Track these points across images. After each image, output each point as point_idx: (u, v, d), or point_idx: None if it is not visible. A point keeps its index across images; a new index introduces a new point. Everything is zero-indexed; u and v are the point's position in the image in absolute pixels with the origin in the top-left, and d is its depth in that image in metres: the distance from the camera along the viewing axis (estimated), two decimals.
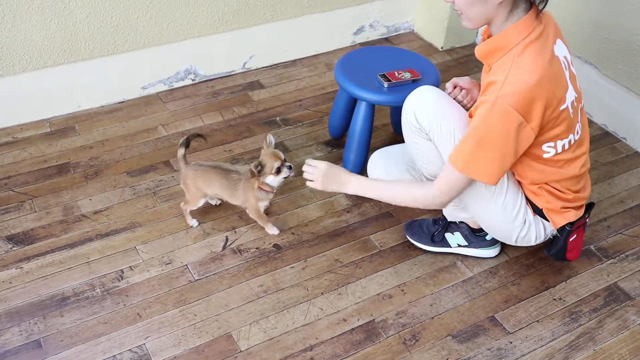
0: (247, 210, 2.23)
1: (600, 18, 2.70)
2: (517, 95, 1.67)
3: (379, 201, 2.39)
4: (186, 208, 2.24)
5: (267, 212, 2.30)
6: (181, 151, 2.20)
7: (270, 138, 2.16)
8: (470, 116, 1.85)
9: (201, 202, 2.22)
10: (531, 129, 1.71)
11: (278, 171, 2.12)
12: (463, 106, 2.03)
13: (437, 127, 1.92)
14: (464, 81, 2.08)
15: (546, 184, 1.92)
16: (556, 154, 1.84)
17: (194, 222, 2.26)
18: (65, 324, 1.94)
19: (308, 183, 2.05)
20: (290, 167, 2.14)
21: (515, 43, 1.73)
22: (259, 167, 2.10)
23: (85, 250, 2.17)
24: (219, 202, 2.34)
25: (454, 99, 2.04)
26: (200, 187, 2.18)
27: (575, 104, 1.83)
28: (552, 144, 1.82)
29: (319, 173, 2.01)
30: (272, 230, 2.25)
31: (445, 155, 1.96)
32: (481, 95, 1.77)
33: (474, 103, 2.04)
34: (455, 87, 2.08)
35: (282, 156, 2.13)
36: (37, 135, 2.64)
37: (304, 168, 2.05)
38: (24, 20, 2.47)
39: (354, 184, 2.01)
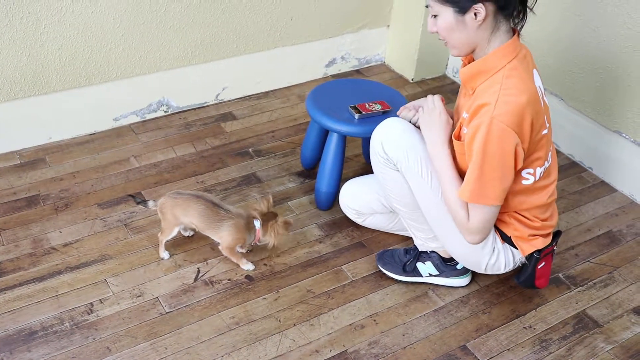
0: (220, 247, 2.22)
1: (565, 52, 2.78)
2: (510, 115, 1.70)
3: (358, 226, 2.41)
4: (162, 239, 2.23)
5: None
6: (150, 204, 2.24)
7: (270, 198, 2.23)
8: (456, 137, 1.88)
9: (175, 231, 2.21)
10: (522, 149, 1.75)
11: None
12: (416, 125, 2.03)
13: (405, 157, 1.95)
14: (419, 101, 2.08)
15: (515, 212, 1.95)
16: (534, 181, 1.88)
17: (165, 255, 2.25)
18: (33, 359, 1.90)
19: (403, 113, 2.03)
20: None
21: (501, 66, 1.77)
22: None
23: (55, 283, 2.14)
24: (191, 233, 2.34)
25: (409, 121, 2.04)
26: (177, 215, 2.17)
27: (548, 132, 1.88)
28: (531, 170, 1.86)
29: (438, 110, 1.93)
30: (247, 265, 2.24)
31: (414, 186, 1.98)
32: (473, 118, 1.78)
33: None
34: (404, 110, 2.07)
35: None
36: (6, 167, 2.61)
37: (428, 99, 1.97)
38: None
39: (438, 150, 1.90)
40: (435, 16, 1.79)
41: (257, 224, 2.17)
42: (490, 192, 1.79)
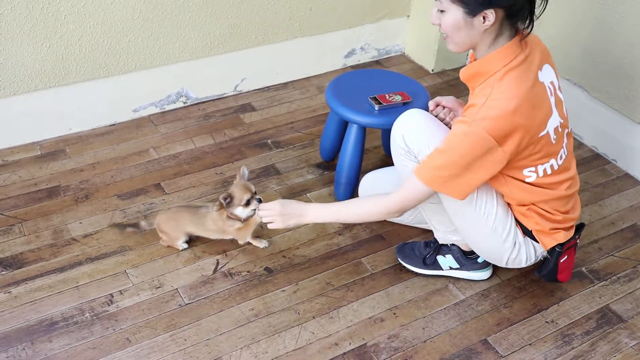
0: (235, 239, 2.24)
1: (589, 42, 2.73)
2: (493, 120, 1.69)
3: (365, 223, 2.40)
4: (171, 245, 2.25)
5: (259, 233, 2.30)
6: (143, 224, 2.26)
7: (244, 170, 2.18)
8: None
9: (181, 242, 2.23)
10: (503, 152, 1.73)
11: (247, 203, 2.13)
12: (446, 124, 2.04)
13: (426, 149, 1.92)
14: (447, 100, 2.09)
15: (534, 204, 1.92)
16: (538, 178, 1.85)
17: (183, 245, 2.25)
18: (54, 349, 1.92)
19: (269, 225, 2.03)
20: (259, 200, 2.14)
21: (497, 69, 1.75)
22: (228, 199, 2.11)
23: (75, 274, 2.15)
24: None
25: (437, 117, 2.05)
26: (172, 228, 2.20)
27: (559, 129, 1.84)
28: (532, 168, 1.84)
29: (275, 213, 2.00)
30: (261, 244, 2.27)
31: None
32: (461, 115, 1.80)
33: None
34: (437, 106, 2.09)
35: (253, 189, 2.15)
36: (27, 159, 2.63)
37: (259, 214, 2.05)
38: (15, 43, 2.47)
39: (311, 214, 2.00)
40: (442, 11, 1.76)
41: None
42: (448, 183, 1.78)
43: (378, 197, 1.96)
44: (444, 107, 2.09)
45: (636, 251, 2.35)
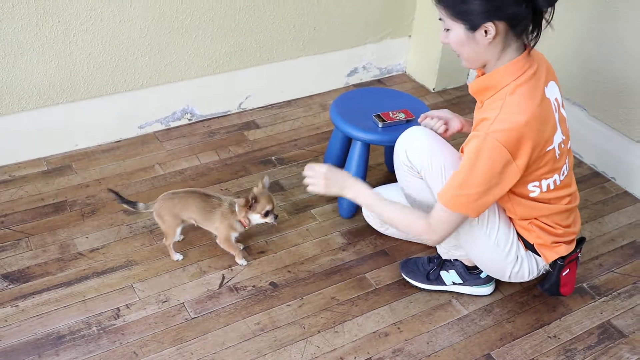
0: (216, 240, 2.26)
1: (588, 61, 2.78)
2: (506, 133, 1.71)
3: (381, 234, 2.42)
4: (168, 243, 2.26)
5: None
6: (140, 206, 2.25)
7: (266, 179, 2.21)
8: (462, 151, 1.89)
9: (178, 232, 2.25)
10: (517, 167, 1.75)
11: (266, 214, 2.17)
12: (440, 134, 2.08)
13: (428, 165, 1.96)
14: (438, 112, 2.15)
15: (535, 219, 1.95)
16: (541, 192, 1.88)
17: (178, 256, 2.28)
18: None
19: (309, 188, 2.02)
20: (275, 217, 2.21)
21: (507, 83, 1.78)
22: (254, 201, 2.15)
23: (82, 288, 2.17)
24: (182, 237, 2.36)
25: (427, 127, 2.10)
26: (177, 214, 2.21)
27: (562, 145, 1.88)
28: (537, 183, 1.87)
29: (321, 175, 2.00)
30: (242, 261, 2.28)
31: (437, 192, 1.99)
32: (473, 130, 1.82)
33: (452, 132, 2.13)
34: (426, 118, 2.14)
35: (275, 203, 2.20)
36: (34, 174, 2.65)
37: (305, 173, 2.04)
38: (24, 60, 2.51)
39: (354, 189, 2.00)
40: (447, 30, 1.81)
41: (236, 207, 2.20)
42: (471, 204, 1.79)
43: (420, 215, 1.92)
44: (432, 117, 2.13)
45: (636, 267, 2.38)
